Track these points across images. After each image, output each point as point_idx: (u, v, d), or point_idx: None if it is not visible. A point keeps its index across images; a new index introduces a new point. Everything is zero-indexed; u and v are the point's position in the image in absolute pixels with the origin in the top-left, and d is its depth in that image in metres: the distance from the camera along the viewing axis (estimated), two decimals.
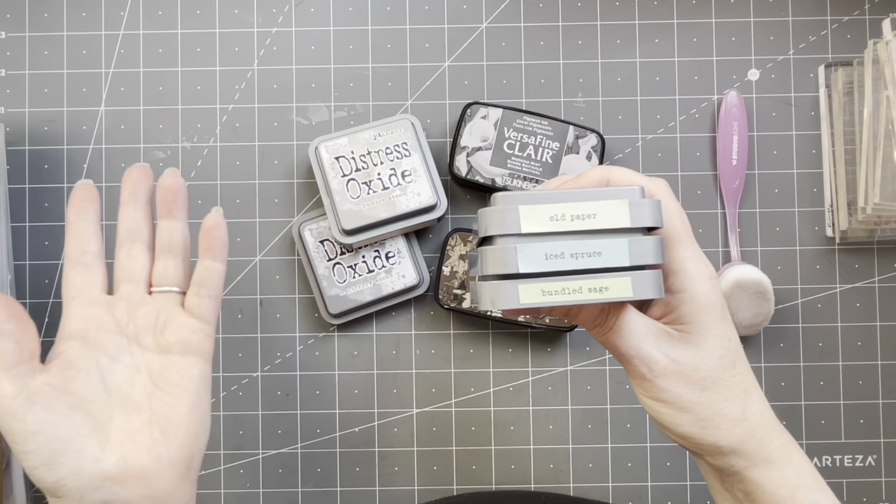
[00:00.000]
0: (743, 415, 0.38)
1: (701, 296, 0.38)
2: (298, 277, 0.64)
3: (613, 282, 0.36)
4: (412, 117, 0.61)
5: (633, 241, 0.36)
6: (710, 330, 0.38)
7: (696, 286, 0.38)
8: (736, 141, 0.63)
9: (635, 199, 0.36)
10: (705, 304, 0.38)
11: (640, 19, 0.64)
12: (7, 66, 0.64)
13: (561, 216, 0.36)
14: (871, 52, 0.59)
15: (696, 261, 0.38)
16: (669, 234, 0.38)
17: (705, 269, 0.38)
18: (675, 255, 0.38)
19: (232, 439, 0.63)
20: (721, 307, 0.39)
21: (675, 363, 0.38)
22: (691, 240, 0.39)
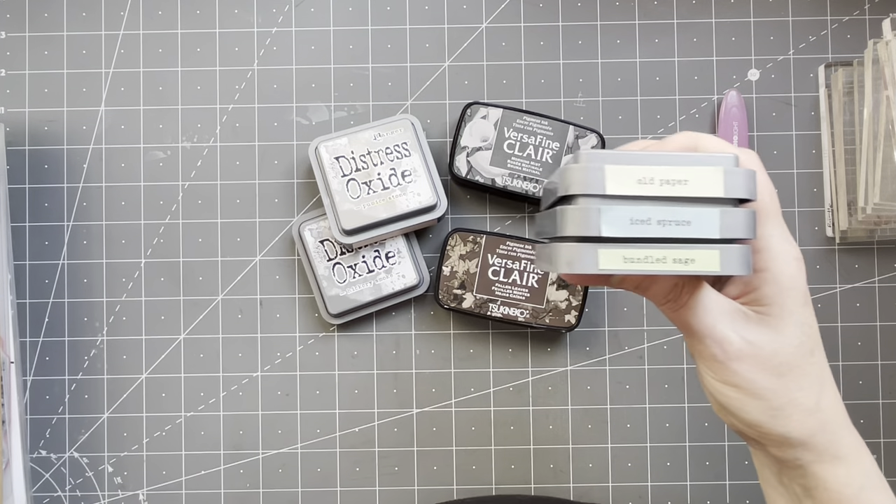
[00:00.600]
0: (817, 406, 0.36)
1: (785, 277, 0.36)
2: (298, 277, 0.64)
3: (701, 254, 0.33)
4: (412, 117, 0.61)
5: (726, 212, 0.33)
6: (791, 314, 0.36)
7: (781, 266, 0.36)
8: (736, 141, 0.63)
9: (730, 167, 0.34)
10: (789, 287, 0.36)
11: (640, 19, 0.64)
12: (7, 66, 0.64)
13: (650, 179, 0.33)
14: (871, 52, 0.59)
15: (783, 240, 0.36)
16: (759, 208, 0.36)
17: (792, 250, 0.36)
18: (761, 232, 0.36)
19: (232, 439, 0.63)
20: (804, 291, 0.37)
21: (752, 346, 0.36)
22: (779, 217, 0.37)
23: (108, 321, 0.63)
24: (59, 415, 0.63)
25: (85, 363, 0.63)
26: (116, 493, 0.63)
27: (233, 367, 0.63)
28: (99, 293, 0.63)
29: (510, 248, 0.61)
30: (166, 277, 0.63)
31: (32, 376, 0.63)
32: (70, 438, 0.63)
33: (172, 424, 0.63)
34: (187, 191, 0.64)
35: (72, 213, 0.64)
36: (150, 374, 0.63)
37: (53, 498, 0.63)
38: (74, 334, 0.63)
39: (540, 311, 0.60)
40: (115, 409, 0.63)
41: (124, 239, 0.63)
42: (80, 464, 0.63)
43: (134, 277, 0.63)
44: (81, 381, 0.63)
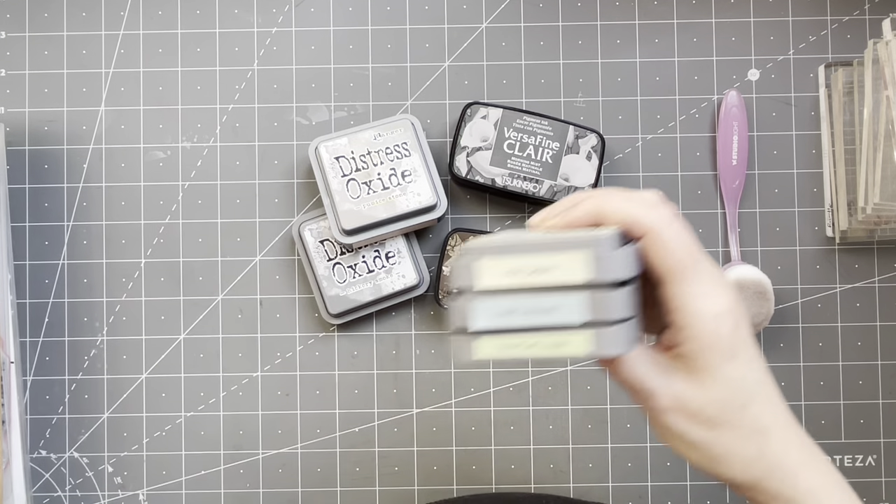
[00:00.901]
0: (760, 454, 0.37)
1: (705, 335, 0.36)
2: (298, 277, 0.64)
3: (572, 337, 0.34)
4: (412, 117, 0.61)
5: (596, 295, 0.34)
6: (715, 370, 0.36)
7: (699, 325, 0.36)
8: (736, 141, 0.63)
9: (604, 250, 0.34)
10: (708, 344, 0.36)
11: (640, 19, 0.64)
12: (7, 66, 0.64)
13: (518, 270, 0.34)
14: (871, 52, 0.59)
15: (702, 297, 0.36)
16: (671, 269, 0.36)
17: (712, 306, 0.36)
18: (676, 291, 0.36)
19: (232, 439, 0.63)
20: (730, 345, 0.36)
21: (679, 400, 0.37)
22: (698, 273, 0.36)
23: (108, 321, 0.63)
24: (59, 415, 0.63)
25: (85, 363, 0.63)
26: (116, 493, 0.63)
27: (233, 367, 0.63)
28: (99, 293, 0.63)
29: None
30: (166, 277, 0.63)
31: (32, 376, 0.63)
32: (70, 438, 0.63)
33: (172, 424, 0.63)
34: (187, 191, 0.64)
35: (72, 213, 0.64)
36: (150, 374, 0.63)
37: (53, 498, 0.63)
38: (74, 334, 0.63)
39: None
40: (115, 409, 0.63)
41: (124, 239, 0.64)
42: (80, 464, 0.63)
43: (134, 277, 0.63)
44: (81, 381, 0.63)
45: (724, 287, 0.37)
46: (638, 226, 0.36)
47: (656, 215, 0.36)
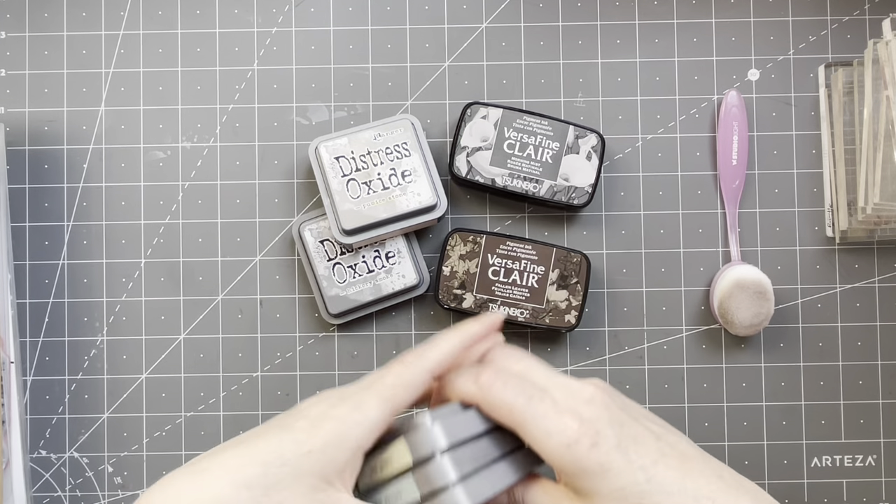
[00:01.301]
0: None
1: (567, 465, 0.37)
2: (298, 277, 0.64)
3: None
4: (412, 117, 0.61)
5: (419, 472, 0.37)
6: (595, 492, 0.37)
7: (558, 460, 0.37)
8: (736, 141, 0.63)
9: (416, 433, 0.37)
10: (576, 473, 0.37)
11: (640, 19, 0.64)
12: (7, 66, 0.64)
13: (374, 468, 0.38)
14: (871, 52, 0.59)
15: (546, 435, 0.37)
16: (510, 423, 0.38)
17: (560, 438, 0.37)
18: (527, 438, 0.38)
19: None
20: (597, 464, 0.37)
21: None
22: (534, 416, 0.37)
23: (108, 321, 0.63)
24: (59, 415, 0.63)
25: (85, 363, 0.63)
26: (116, 493, 0.63)
27: (233, 367, 0.63)
28: (99, 293, 0.63)
29: (510, 248, 0.61)
30: (166, 277, 0.63)
31: (32, 376, 0.63)
32: (70, 438, 0.63)
33: (172, 424, 0.63)
34: (187, 191, 0.64)
35: (72, 213, 0.64)
36: (150, 374, 0.63)
37: (53, 498, 0.63)
38: (74, 334, 0.63)
39: (540, 311, 0.60)
40: (115, 409, 0.63)
41: (124, 239, 0.64)
42: (80, 464, 0.63)
43: (134, 277, 0.63)
44: (81, 381, 0.63)
45: (568, 411, 0.37)
46: (468, 400, 0.39)
47: (474, 388, 0.39)
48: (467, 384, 0.39)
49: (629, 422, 0.39)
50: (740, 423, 0.63)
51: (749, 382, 0.63)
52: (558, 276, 0.61)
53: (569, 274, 0.61)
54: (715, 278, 0.62)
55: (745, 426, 0.63)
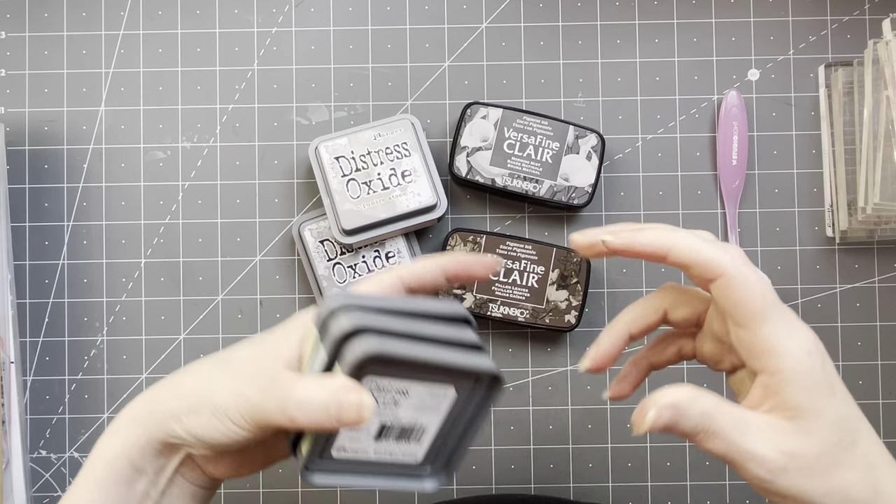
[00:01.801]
0: (875, 493, 0.35)
1: (803, 375, 0.35)
2: (298, 277, 0.64)
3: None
4: (412, 117, 0.61)
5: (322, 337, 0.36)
6: (822, 411, 0.35)
7: (793, 364, 0.35)
8: (736, 141, 0.63)
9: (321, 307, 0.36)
10: (809, 383, 0.35)
11: (640, 19, 0.64)
12: (7, 66, 0.64)
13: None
14: (871, 52, 0.59)
15: (789, 335, 0.35)
16: (752, 312, 0.35)
17: (802, 343, 0.35)
18: (760, 335, 0.35)
19: None
20: (828, 382, 0.35)
21: (793, 458, 0.34)
22: (779, 312, 0.35)
23: (108, 321, 0.63)
24: (59, 415, 0.63)
25: (85, 363, 0.63)
26: None
27: None
28: (99, 293, 0.63)
29: (510, 248, 0.61)
30: (166, 277, 0.63)
31: (32, 376, 0.63)
32: (70, 438, 0.63)
33: None
34: (187, 191, 0.64)
35: (72, 213, 0.64)
36: (150, 374, 0.63)
37: (53, 498, 0.63)
38: (74, 334, 0.63)
39: (540, 311, 0.60)
40: (116, 409, 0.63)
41: (124, 239, 0.64)
42: (81, 464, 0.63)
43: (134, 277, 0.63)
44: (81, 381, 0.63)
45: (803, 324, 0.36)
46: (712, 267, 0.35)
47: (730, 258, 0.35)
48: (720, 252, 0.36)
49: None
50: None
51: None
52: (558, 276, 0.61)
53: (569, 274, 0.61)
54: None
55: None
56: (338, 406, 0.33)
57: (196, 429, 0.36)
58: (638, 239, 0.36)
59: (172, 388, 0.39)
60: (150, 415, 0.38)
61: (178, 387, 0.39)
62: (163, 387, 0.39)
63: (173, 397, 0.38)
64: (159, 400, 0.38)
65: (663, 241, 0.36)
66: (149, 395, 0.39)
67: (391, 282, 0.40)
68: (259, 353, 0.39)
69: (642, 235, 0.36)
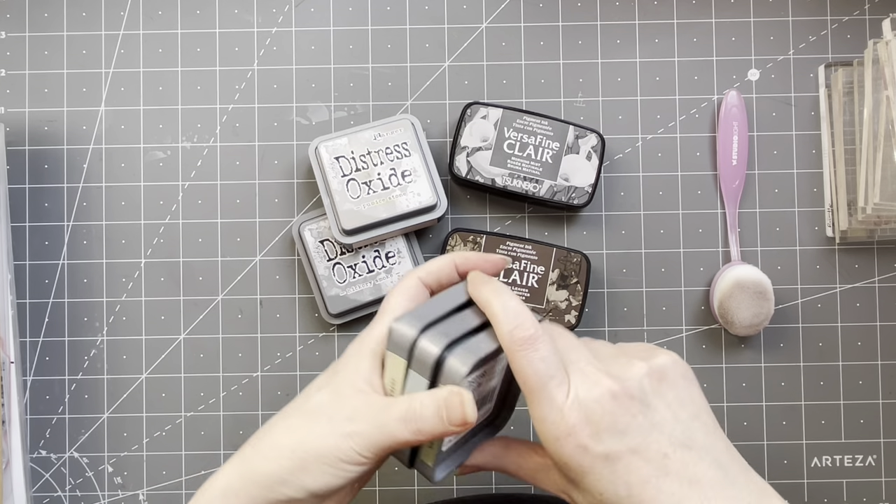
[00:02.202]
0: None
1: (553, 454, 0.39)
2: (298, 277, 0.64)
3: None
4: (412, 117, 0.61)
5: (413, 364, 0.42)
6: (577, 483, 0.39)
7: (546, 444, 0.39)
8: (736, 141, 0.63)
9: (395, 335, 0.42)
10: (560, 462, 0.39)
11: (640, 19, 0.64)
12: (7, 66, 0.64)
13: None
14: (871, 52, 0.59)
15: (541, 422, 0.39)
16: (523, 388, 0.39)
17: (552, 428, 0.38)
18: (531, 411, 0.39)
19: (232, 439, 0.63)
20: (578, 465, 0.38)
21: (572, 501, 0.41)
22: (543, 397, 0.39)
23: (108, 321, 0.63)
24: (59, 415, 0.63)
25: (85, 363, 0.63)
26: (116, 493, 0.63)
27: (233, 367, 0.63)
28: (99, 293, 0.63)
29: (510, 248, 0.61)
30: (166, 277, 0.63)
31: (32, 376, 0.63)
32: (70, 438, 0.63)
33: (172, 424, 0.63)
34: (187, 191, 0.64)
35: (72, 213, 0.64)
36: (150, 374, 0.63)
37: (53, 498, 0.63)
38: (74, 334, 0.63)
39: (540, 311, 0.60)
40: (115, 409, 0.63)
41: (124, 239, 0.64)
42: (80, 464, 0.63)
43: (134, 277, 0.63)
44: (81, 381, 0.63)
45: (573, 408, 0.38)
46: (499, 335, 0.40)
47: (509, 338, 0.39)
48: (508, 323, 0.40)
49: (635, 429, 0.38)
50: (740, 423, 0.63)
51: (749, 382, 0.63)
52: (558, 276, 0.61)
53: (569, 274, 0.61)
54: (715, 278, 0.62)
55: (745, 426, 0.63)
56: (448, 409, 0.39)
57: (310, 483, 0.39)
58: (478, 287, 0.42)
59: (263, 452, 0.41)
60: (250, 485, 0.40)
61: (270, 450, 0.41)
62: (252, 454, 0.41)
63: (270, 461, 0.40)
64: (255, 469, 0.40)
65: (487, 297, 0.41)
66: (238, 465, 0.41)
67: (415, 285, 0.44)
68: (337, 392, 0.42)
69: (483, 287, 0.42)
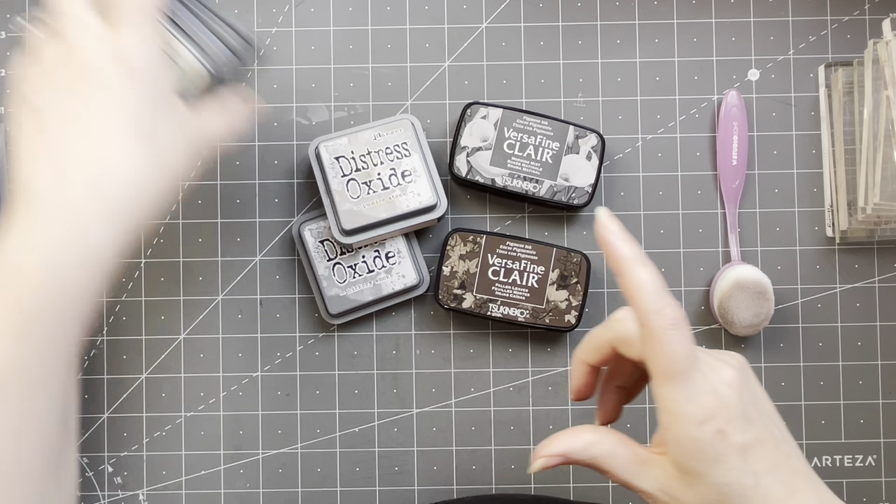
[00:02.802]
0: None
1: (687, 441, 0.37)
2: (298, 277, 0.64)
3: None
4: (412, 117, 0.61)
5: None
6: (702, 475, 0.37)
7: (680, 431, 0.37)
8: (736, 141, 0.63)
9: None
10: (691, 450, 0.37)
11: (640, 19, 0.64)
12: (7, 66, 0.64)
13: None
14: (871, 52, 0.59)
15: (686, 402, 0.37)
16: (657, 371, 0.37)
17: (696, 411, 0.37)
18: (661, 393, 0.37)
19: (232, 439, 0.63)
20: (714, 452, 0.37)
21: (674, 500, 0.38)
22: (687, 379, 0.37)
23: (108, 321, 0.63)
24: None
25: (85, 363, 0.63)
26: (116, 493, 0.63)
27: (233, 367, 0.63)
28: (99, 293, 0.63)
29: (510, 248, 0.61)
30: (166, 277, 0.63)
31: None
32: None
33: (172, 424, 0.63)
34: (187, 191, 0.64)
35: None
36: (150, 374, 0.63)
37: None
38: None
39: (540, 311, 0.60)
40: (115, 409, 0.63)
41: None
42: (80, 464, 0.63)
43: (134, 277, 0.63)
44: (81, 381, 0.63)
45: (710, 394, 0.37)
46: (640, 315, 0.38)
47: (660, 317, 0.38)
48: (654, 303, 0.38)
49: (756, 419, 0.38)
50: None
51: None
52: (558, 276, 0.61)
53: (569, 274, 0.61)
54: (715, 278, 0.62)
55: None
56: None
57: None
58: (618, 246, 0.39)
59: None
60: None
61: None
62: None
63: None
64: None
65: (627, 262, 0.39)
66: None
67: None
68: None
69: (625, 247, 0.39)
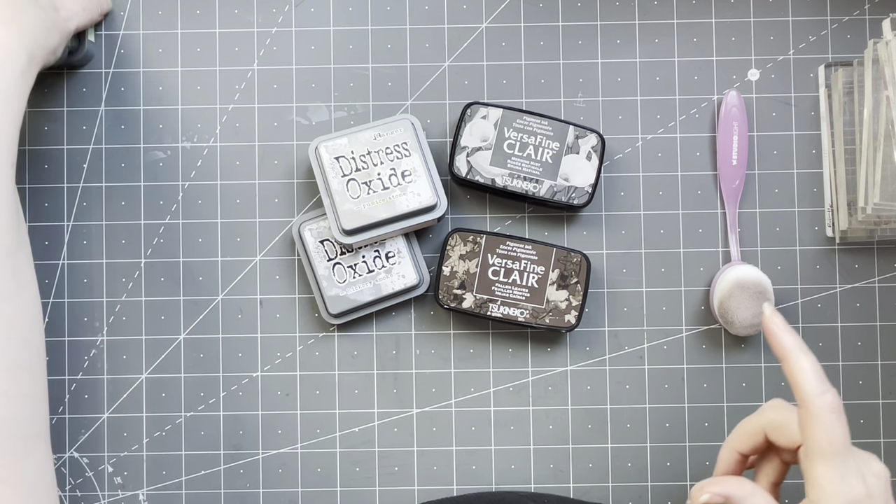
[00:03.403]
0: None
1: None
2: (298, 277, 0.64)
3: None
4: (412, 117, 0.61)
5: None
6: None
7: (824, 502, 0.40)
8: (736, 141, 0.63)
9: None
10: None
11: (640, 19, 0.64)
12: None
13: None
14: (871, 52, 0.59)
15: (839, 482, 0.40)
16: (812, 449, 0.40)
17: (847, 492, 0.39)
18: (814, 469, 0.40)
19: (232, 439, 0.63)
20: None
21: None
22: (840, 461, 0.40)
23: (108, 321, 0.63)
24: (59, 415, 0.63)
25: (85, 363, 0.63)
26: (116, 493, 0.63)
27: (233, 367, 0.63)
28: (99, 293, 0.63)
29: (510, 248, 0.61)
30: (166, 277, 0.63)
31: None
32: (70, 438, 0.63)
33: (172, 424, 0.63)
34: (187, 191, 0.64)
35: (72, 213, 0.64)
36: (150, 374, 0.63)
37: None
38: (74, 334, 0.63)
39: (540, 311, 0.60)
40: (115, 409, 0.63)
41: (124, 239, 0.64)
42: (80, 464, 0.63)
43: (134, 277, 0.63)
44: (81, 381, 0.63)
45: (860, 479, 0.40)
46: (801, 396, 0.41)
47: (821, 400, 0.41)
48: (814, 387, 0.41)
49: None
50: None
51: (749, 382, 0.63)
52: (558, 276, 0.61)
53: (569, 274, 0.61)
54: (715, 278, 0.62)
55: None
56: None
57: None
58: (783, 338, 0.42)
59: None
60: None
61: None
62: None
63: None
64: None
65: (791, 350, 0.42)
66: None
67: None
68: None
69: (788, 338, 0.42)
